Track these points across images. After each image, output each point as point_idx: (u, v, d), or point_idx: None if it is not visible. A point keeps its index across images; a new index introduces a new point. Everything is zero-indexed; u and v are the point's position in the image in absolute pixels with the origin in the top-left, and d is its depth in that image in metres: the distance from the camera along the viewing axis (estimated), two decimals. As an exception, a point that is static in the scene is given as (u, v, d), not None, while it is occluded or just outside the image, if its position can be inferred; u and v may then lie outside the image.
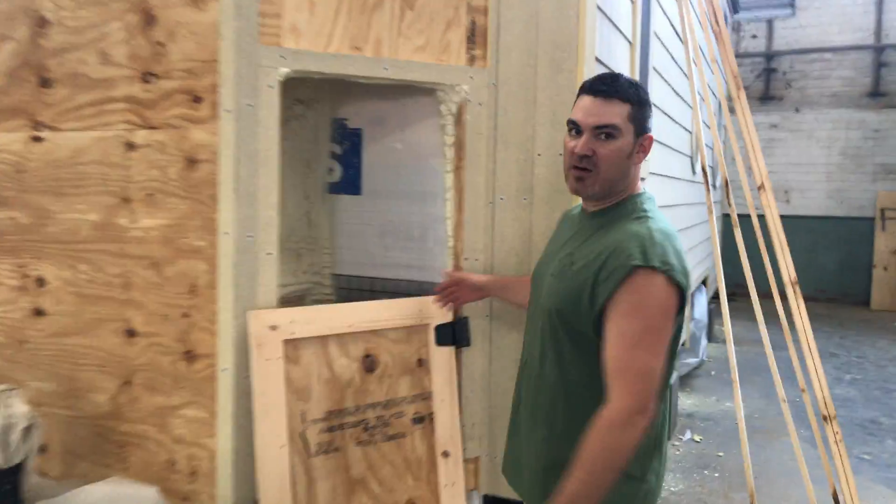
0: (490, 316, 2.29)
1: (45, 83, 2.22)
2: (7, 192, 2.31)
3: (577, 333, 1.51)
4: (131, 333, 2.15)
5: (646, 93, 1.60)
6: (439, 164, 2.35)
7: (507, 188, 2.26)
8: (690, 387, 5.47)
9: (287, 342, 1.97)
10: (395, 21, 2.10)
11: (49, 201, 2.24)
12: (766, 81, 9.80)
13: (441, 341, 2.21)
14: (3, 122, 2.30)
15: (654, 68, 3.69)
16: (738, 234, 2.75)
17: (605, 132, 1.52)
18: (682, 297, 1.45)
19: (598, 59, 2.29)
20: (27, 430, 2.01)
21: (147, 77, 2.06)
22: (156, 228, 2.08)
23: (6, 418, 1.99)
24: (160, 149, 2.05)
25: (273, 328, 1.95)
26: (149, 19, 2.04)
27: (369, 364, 2.11)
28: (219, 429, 1.98)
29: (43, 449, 2.26)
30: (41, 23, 2.21)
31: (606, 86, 1.54)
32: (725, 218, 8.58)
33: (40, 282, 2.28)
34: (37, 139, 2.24)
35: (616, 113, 1.51)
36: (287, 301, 2.49)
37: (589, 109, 1.53)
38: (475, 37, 2.21)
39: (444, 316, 2.21)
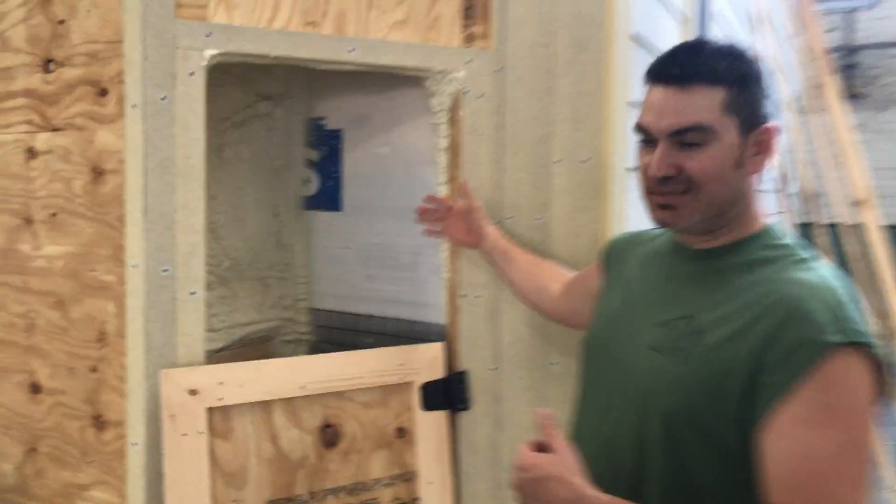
0: (498, 368, 1.77)
1: (-55, 76, 1.80)
2: None
3: (710, 437, 0.98)
4: (36, 389, 1.71)
5: (754, 61, 1.05)
6: (433, 173, 1.84)
7: (515, 205, 1.74)
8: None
9: (213, 411, 1.49)
10: (363, -12, 1.61)
11: (-49, 221, 1.82)
12: (847, 79, 8.94)
13: (429, 404, 1.70)
14: None
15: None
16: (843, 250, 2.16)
17: (688, 138, 1.00)
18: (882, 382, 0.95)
19: (635, 38, 1.76)
20: None
21: (48, 65, 1.62)
22: (60, 257, 1.63)
23: None
24: (64, 156, 1.61)
25: (193, 392, 1.47)
26: (49, -10, 1.60)
27: (330, 436, 1.62)
28: (128, 521, 1.52)
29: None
30: (-60, 2, 1.79)
31: (681, 65, 1.02)
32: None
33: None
34: (-63, 145, 1.83)
35: (702, 105, 1.00)
36: (249, 344, 2.02)
37: (660, 106, 1.02)
38: (474, 9, 1.71)
39: (432, 370, 1.70)
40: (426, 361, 1.71)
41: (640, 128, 1.06)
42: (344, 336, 2.07)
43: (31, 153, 1.66)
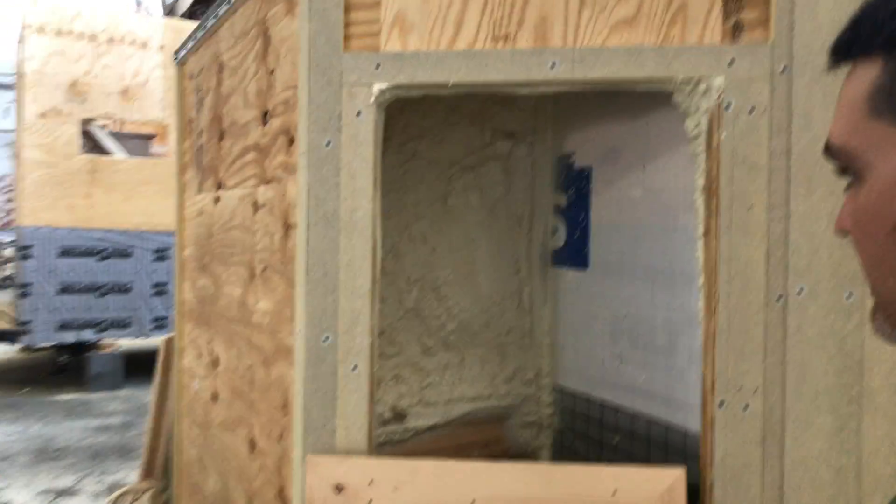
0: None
1: (221, 136, 1.93)
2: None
3: None
4: (252, 446, 1.67)
5: None
6: (692, 223, 1.33)
7: (813, 269, 1.14)
8: None
9: (362, 514, 1.23)
10: (571, -17, 1.22)
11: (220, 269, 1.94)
12: None
13: (655, 554, 1.18)
14: (205, 182, 2.10)
15: None
16: None
17: (838, 168, 0.53)
18: None
19: None
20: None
21: (265, 117, 1.58)
22: (268, 313, 1.57)
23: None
24: (270, 210, 1.55)
25: (339, 489, 1.24)
26: (266, 42, 1.57)
27: (507, 573, 1.22)
28: None
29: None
30: (220, 68, 1.94)
31: (840, 36, 0.50)
32: None
33: (216, 362, 1.99)
34: (217, 199, 1.97)
35: (842, 104, 0.51)
36: (475, 423, 1.72)
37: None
38: (743, -11, 1.17)
39: (663, 506, 1.19)
40: (657, 494, 1.19)
41: None
42: (590, 427, 1.63)
43: (256, 206, 1.65)
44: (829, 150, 0.51)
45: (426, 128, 1.67)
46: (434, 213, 1.67)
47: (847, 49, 0.49)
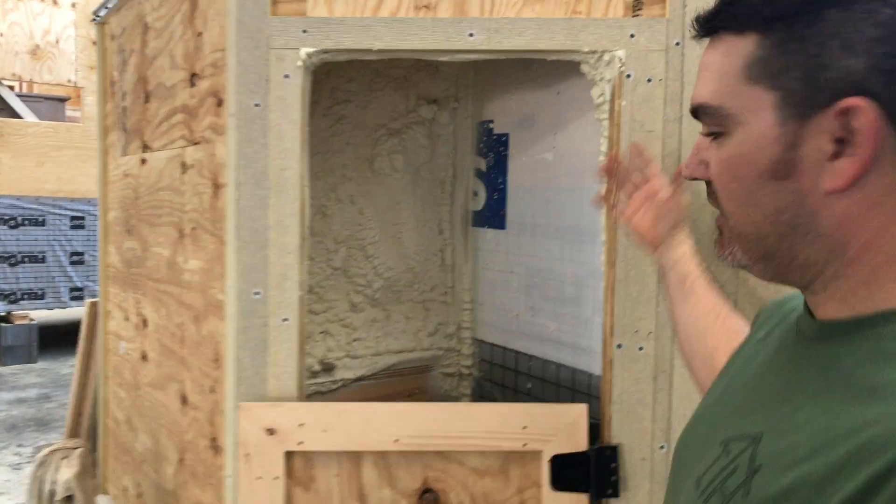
0: (667, 448, 1.32)
1: (147, 98, 1.94)
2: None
3: None
4: (185, 400, 1.73)
5: None
6: (597, 184, 1.45)
7: (699, 224, 1.27)
8: None
9: (293, 455, 1.32)
10: (488, -43, 1.30)
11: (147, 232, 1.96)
12: None
13: (562, 483, 1.32)
14: (130, 144, 2.10)
15: None
16: None
17: (708, 124, 0.63)
18: None
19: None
20: (67, 501, 1.72)
21: (193, 79, 1.61)
22: (197, 272, 1.62)
23: (51, 484, 1.73)
24: (199, 170, 1.58)
25: (271, 432, 1.32)
26: (193, 4, 1.59)
27: None
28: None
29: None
30: (145, 29, 1.93)
31: (711, 10, 0.61)
32: None
33: (145, 322, 2.01)
34: (143, 161, 1.98)
35: (716, 69, 0.61)
36: (401, 374, 1.83)
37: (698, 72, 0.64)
38: (644, -32, 1.28)
39: (570, 439, 1.32)
40: (561, 427, 1.33)
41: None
42: (507, 376, 1.76)
43: (184, 167, 1.68)
44: (706, 110, 0.61)
45: (352, 92, 1.74)
46: (361, 176, 1.74)
47: (722, 24, 0.60)
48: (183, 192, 1.68)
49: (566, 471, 1.32)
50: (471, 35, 1.30)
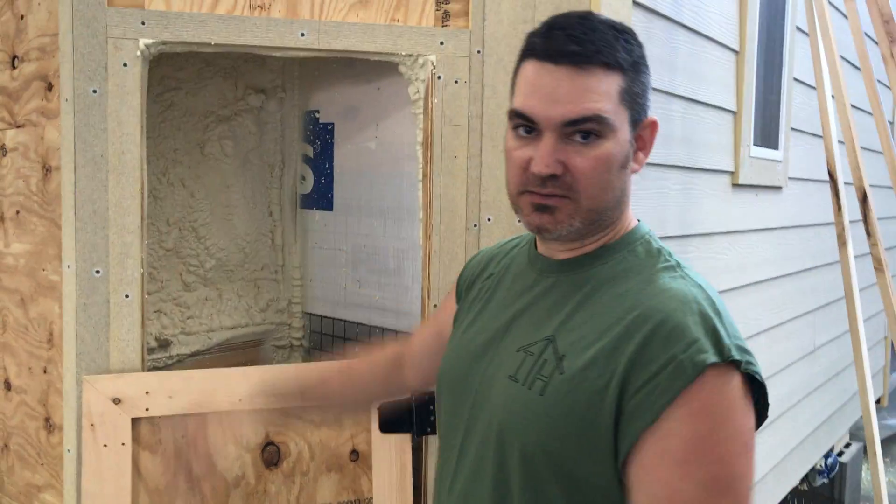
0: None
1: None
2: None
3: (577, 481, 0.81)
4: (7, 386, 1.71)
5: (638, 43, 0.88)
6: (415, 169, 1.67)
7: (497, 204, 1.54)
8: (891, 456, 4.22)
9: (140, 421, 1.41)
10: (316, -34, 1.46)
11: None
12: None
13: (388, 426, 1.53)
14: None
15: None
16: None
17: (585, 129, 0.83)
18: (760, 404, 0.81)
19: (637, 2, 1.49)
20: None
21: (14, 61, 1.60)
22: (23, 255, 1.62)
23: None
24: (24, 153, 1.58)
25: (117, 401, 1.39)
26: (13, -14, 1.58)
27: (271, 456, 1.49)
28: (64, 529, 1.47)
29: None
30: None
31: (579, 42, 0.82)
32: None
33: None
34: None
35: (601, 91, 0.82)
36: (234, 348, 1.94)
37: (551, 90, 0.83)
38: (450, -14, 1.52)
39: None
40: (388, 379, 1.53)
41: (519, 114, 0.86)
42: (336, 344, 1.94)
43: (4, 150, 1.66)
44: (600, 119, 0.81)
45: (182, 80, 1.80)
46: (191, 160, 1.82)
47: (596, 62, 0.81)
48: (3, 177, 1.66)
49: (391, 416, 1.53)
50: (302, 35, 1.45)
